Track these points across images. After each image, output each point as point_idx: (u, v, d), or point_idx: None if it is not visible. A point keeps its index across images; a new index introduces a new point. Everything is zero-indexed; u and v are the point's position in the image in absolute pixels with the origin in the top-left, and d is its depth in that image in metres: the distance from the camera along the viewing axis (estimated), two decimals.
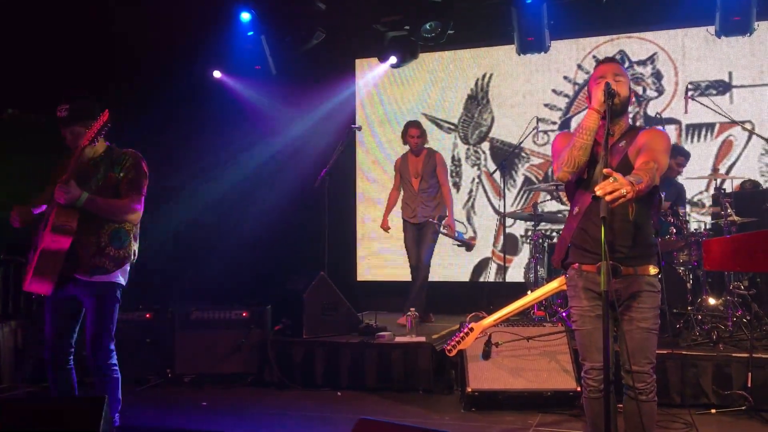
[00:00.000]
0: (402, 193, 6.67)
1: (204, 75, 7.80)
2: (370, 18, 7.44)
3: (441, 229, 6.35)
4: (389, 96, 8.32)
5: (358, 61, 8.39)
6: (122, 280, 3.57)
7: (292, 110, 7.79)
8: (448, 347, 4.30)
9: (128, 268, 3.61)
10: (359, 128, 6.75)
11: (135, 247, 3.63)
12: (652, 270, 2.96)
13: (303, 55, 7.60)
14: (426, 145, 6.63)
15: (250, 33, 7.35)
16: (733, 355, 4.57)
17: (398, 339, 5.33)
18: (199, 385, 5.45)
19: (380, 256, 8.09)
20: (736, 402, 4.39)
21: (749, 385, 4.36)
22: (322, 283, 5.66)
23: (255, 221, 7.55)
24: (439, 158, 6.57)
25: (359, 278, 8.25)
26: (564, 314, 5.06)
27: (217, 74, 7.87)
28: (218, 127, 7.82)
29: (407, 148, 6.65)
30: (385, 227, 6.72)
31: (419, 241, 6.48)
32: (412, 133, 6.50)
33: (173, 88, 7.09)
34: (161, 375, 5.54)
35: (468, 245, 6.63)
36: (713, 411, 4.42)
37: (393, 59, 7.45)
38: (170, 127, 7.40)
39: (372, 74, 8.26)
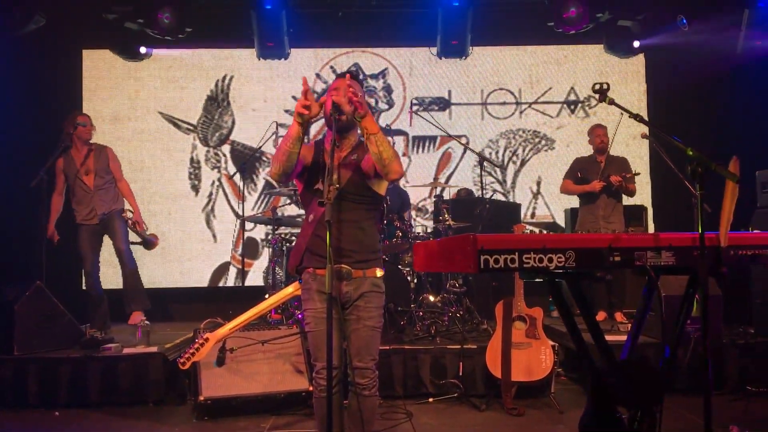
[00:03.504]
0: (74, 194, 6.05)
1: None
2: (99, 7, 6.92)
3: (130, 225, 6.08)
4: (122, 91, 7.79)
5: (85, 52, 7.74)
6: None
7: (7, 101, 6.89)
8: (182, 359, 4.14)
9: None
10: (84, 125, 6.16)
11: None
12: (379, 272, 3.15)
13: (22, 41, 6.79)
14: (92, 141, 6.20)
15: None
16: (448, 347, 5.05)
17: (127, 350, 4.99)
18: None
19: (109, 261, 7.53)
20: (450, 390, 4.87)
21: (461, 374, 4.87)
22: (38, 293, 5.09)
23: None
24: (112, 152, 6.21)
25: (85, 287, 7.56)
26: (300, 316, 5.17)
27: None
28: None
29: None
30: (52, 235, 5.97)
31: (96, 244, 6.12)
32: (82, 120, 6.04)
33: None
34: None
35: (148, 242, 6.28)
36: (431, 400, 4.84)
37: (143, 49, 6.99)
38: None
39: (101, 67, 7.67)
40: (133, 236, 6.20)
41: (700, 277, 2.26)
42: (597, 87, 2.56)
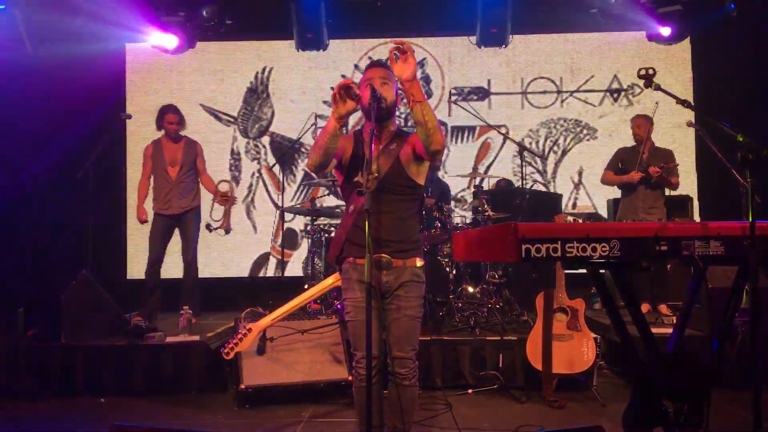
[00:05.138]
0: (156, 183, 6.18)
1: None
2: (141, 2, 7.01)
3: (226, 199, 6.16)
4: (164, 85, 7.92)
5: (128, 46, 7.88)
6: None
7: (51, 95, 7.05)
8: (226, 350, 4.18)
9: None
10: (129, 117, 6.29)
11: None
12: (419, 262, 3.13)
13: (66, 35, 6.94)
14: (183, 133, 6.29)
15: (2, 6, 6.57)
16: (487, 338, 5.01)
17: (170, 339, 5.08)
18: None
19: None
20: (490, 381, 4.84)
21: (500, 365, 4.83)
22: (83, 283, 5.21)
23: (2, 215, 6.72)
24: (201, 149, 6.27)
25: (129, 277, 7.76)
26: (339, 306, 5.19)
27: None
28: None
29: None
30: (144, 218, 6.12)
31: (167, 238, 6.15)
32: (171, 119, 6.11)
33: None
34: None
35: (227, 231, 6.40)
36: (470, 391, 4.81)
37: (167, 45, 7.08)
38: None
39: (145, 61, 7.80)
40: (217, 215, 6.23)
41: (750, 267, 2.18)
42: (642, 72, 2.49)
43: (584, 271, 2.23)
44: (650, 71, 2.49)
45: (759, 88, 7.12)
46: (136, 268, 7.66)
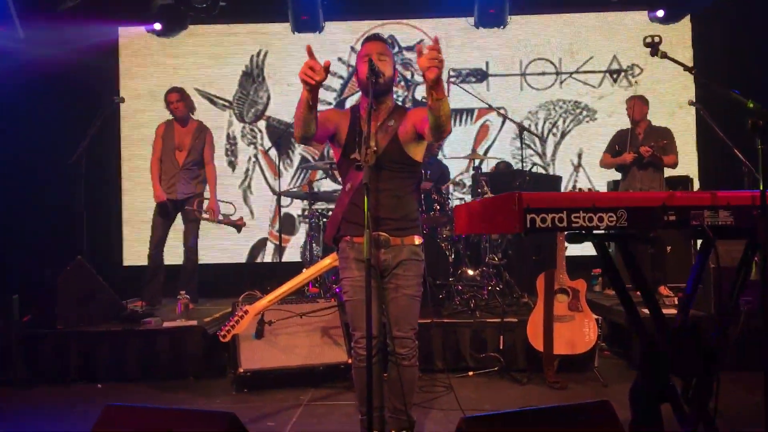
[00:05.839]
0: (162, 165, 6.11)
1: None
2: None
3: (203, 215, 6.06)
4: (158, 69, 7.81)
5: (121, 29, 7.77)
6: None
7: (42, 79, 6.94)
8: (222, 332, 4.12)
9: None
10: (122, 100, 6.19)
11: None
12: (417, 240, 3.08)
13: (57, 19, 6.83)
14: (195, 117, 6.25)
15: None
16: (488, 320, 4.97)
17: (166, 324, 5.02)
18: None
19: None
20: (491, 363, 4.79)
21: (501, 347, 4.78)
22: (79, 268, 5.14)
23: None
24: (211, 137, 6.20)
25: (126, 263, 7.69)
26: (338, 290, 5.13)
27: None
28: None
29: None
30: (163, 197, 6.01)
31: (168, 222, 6.09)
32: (170, 98, 6.06)
33: None
34: None
35: (236, 226, 6.32)
36: (471, 373, 4.77)
37: (158, 26, 6.98)
38: None
39: (139, 44, 7.69)
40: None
41: (760, 238, 2.12)
42: (648, 40, 2.42)
43: (585, 253, 2.17)
44: (656, 39, 2.41)
45: (761, 65, 7.03)
46: (133, 253, 7.60)
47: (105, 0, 7.12)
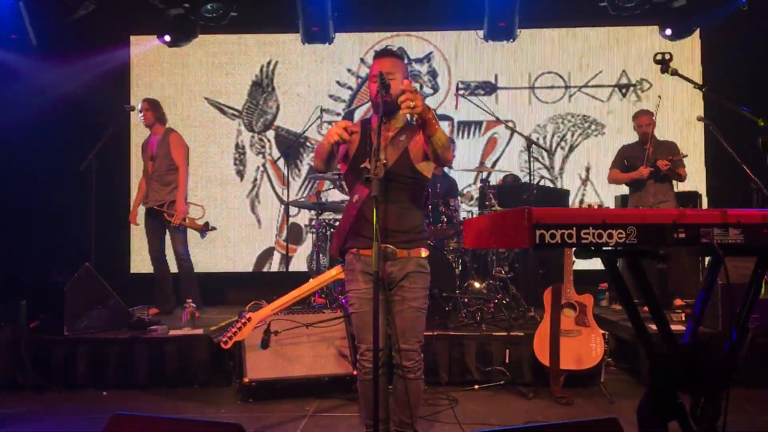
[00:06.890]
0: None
1: None
2: None
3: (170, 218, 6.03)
4: (168, 78, 7.86)
5: (133, 38, 7.83)
6: None
7: (55, 87, 7.00)
8: (224, 339, 4.13)
9: None
10: (132, 108, 6.25)
11: None
12: (424, 253, 3.09)
13: (70, 27, 6.90)
14: (167, 125, 6.25)
15: None
16: (494, 334, 4.95)
17: (173, 332, 5.03)
18: None
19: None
20: (496, 377, 4.77)
21: (507, 361, 4.76)
22: (86, 275, 5.16)
23: (5, 206, 6.67)
24: (174, 138, 6.11)
25: (133, 270, 7.71)
26: (344, 301, 5.12)
27: None
28: None
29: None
30: (132, 220, 6.27)
31: (158, 230, 6.13)
32: (141, 107, 6.10)
33: None
34: None
35: (200, 231, 6.16)
36: (476, 387, 4.75)
37: (168, 38, 7.03)
38: None
39: (150, 53, 7.75)
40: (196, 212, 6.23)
41: None
42: (659, 57, 2.42)
43: (592, 267, 2.16)
44: (666, 56, 2.41)
45: None
46: (141, 261, 7.62)
47: (116, 10, 7.16)
